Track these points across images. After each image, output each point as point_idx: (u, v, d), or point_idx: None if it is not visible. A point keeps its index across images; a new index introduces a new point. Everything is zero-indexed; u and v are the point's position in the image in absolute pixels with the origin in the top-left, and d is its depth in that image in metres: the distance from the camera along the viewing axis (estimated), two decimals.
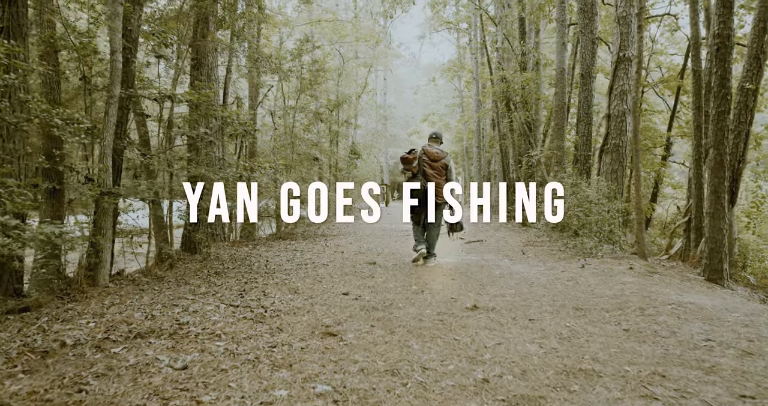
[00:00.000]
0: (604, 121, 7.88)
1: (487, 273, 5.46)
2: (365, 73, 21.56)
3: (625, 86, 7.70)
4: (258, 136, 12.65)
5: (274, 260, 6.41)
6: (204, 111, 6.18)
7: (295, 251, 7.29)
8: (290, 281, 4.87)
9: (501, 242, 8.23)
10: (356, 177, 20.67)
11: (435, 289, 4.58)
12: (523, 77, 9.52)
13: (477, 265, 6.04)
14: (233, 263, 6.18)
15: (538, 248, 7.27)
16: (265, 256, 6.88)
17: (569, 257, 6.26)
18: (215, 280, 4.97)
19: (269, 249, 7.65)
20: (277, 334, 3.01)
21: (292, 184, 8.97)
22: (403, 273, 5.43)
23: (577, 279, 4.99)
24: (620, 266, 5.64)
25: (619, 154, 7.69)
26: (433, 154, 6.01)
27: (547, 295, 4.30)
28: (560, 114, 9.87)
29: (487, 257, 6.65)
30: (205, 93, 5.44)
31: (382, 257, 6.70)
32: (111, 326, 3.07)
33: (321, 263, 6.14)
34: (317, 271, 5.52)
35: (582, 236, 6.46)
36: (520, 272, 5.48)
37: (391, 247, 7.92)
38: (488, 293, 4.40)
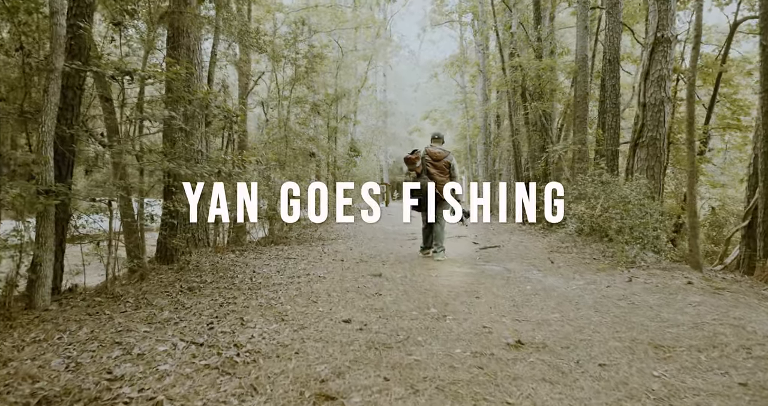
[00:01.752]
0: (639, 110, 6.94)
1: (517, 289, 4.52)
2: (365, 67, 20.61)
3: (664, 71, 6.77)
4: (251, 129, 11.71)
5: (261, 271, 5.46)
6: (176, 93, 5.22)
7: (288, 259, 6.34)
8: (277, 302, 3.92)
9: (520, 248, 7.29)
10: (356, 176, 19.72)
11: (459, 312, 3.64)
12: (541, 64, 8.58)
13: (502, 277, 5.10)
14: (213, 275, 5.24)
15: (567, 256, 6.33)
16: (252, 265, 5.93)
17: (608, 268, 5.32)
18: (185, 299, 4.02)
19: (258, 256, 6.70)
20: (248, 399, 2.07)
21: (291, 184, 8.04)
22: (415, 289, 4.49)
23: (630, 298, 4.05)
24: (675, 280, 4.70)
25: (656, 149, 6.75)
26: (436, 154, 6.24)
27: (604, 321, 3.37)
28: (582, 105, 8.93)
29: (511, 267, 5.71)
30: (174, 70, 4.49)
31: (388, 267, 5.76)
32: (7, 384, 2.12)
33: (317, 275, 5.19)
34: (312, 287, 4.57)
35: (621, 242, 5.52)
36: (557, 288, 4.54)
37: (396, 253, 6.98)
38: (528, 319, 3.46)
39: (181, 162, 4.66)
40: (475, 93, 23.81)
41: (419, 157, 6.28)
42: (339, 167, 16.36)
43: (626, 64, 10.99)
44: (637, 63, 11.16)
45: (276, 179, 7.51)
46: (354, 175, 19.36)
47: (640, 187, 5.86)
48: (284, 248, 7.66)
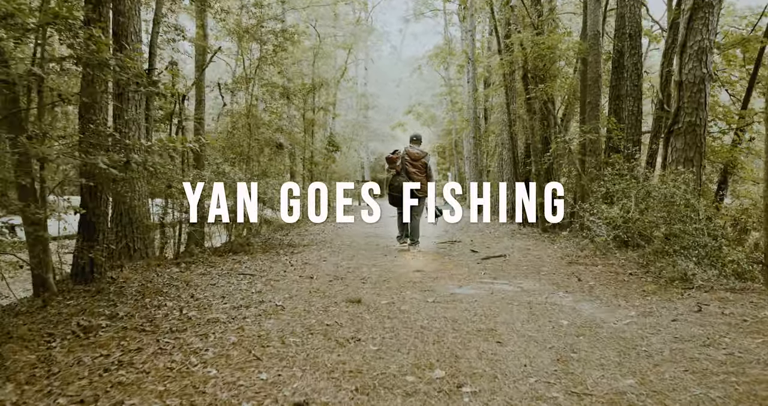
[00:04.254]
0: (674, 91, 5.75)
1: (549, 324, 3.26)
2: (345, 57, 19.19)
3: (704, 42, 5.57)
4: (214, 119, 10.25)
5: (201, 296, 4.09)
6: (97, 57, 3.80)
7: (242, 277, 4.97)
8: (200, 360, 2.57)
9: (530, 258, 6.04)
10: (335, 173, 18.32)
11: (479, 374, 2.36)
12: (549, 39, 7.33)
13: (521, 303, 3.83)
14: (135, 303, 3.86)
15: (593, 270, 5.09)
16: (193, 285, 4.55)
17: (658, 290, 4.09)
18: (61, 355, 2.65)
19: (207, 271, 5.32)
20: None
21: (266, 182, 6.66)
22: (408, 326, 3.19)
23: (720, 343, 2.81)
24: (765, 310, 3.48)
25: (695, 136, 5.56)
26: (414, 154, 6.80)
27: (716, 398, 2.11)
28: (595, 89, 7.73)
29: (528, 286, 4.45)
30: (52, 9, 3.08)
31: (370, 288, 4.44)
32: None
33: (274, 303, 3.84)
34: (262, 325, 3.22)
35: (670, 253, 4.30)
36: (603, 322, 3.28)
37: (380, 265, 5.67)
38: (590, 390, 2.19)
39: (66, 150, 3.25)
40: (461, 85, 22.63)
41: (399, 156, 6.87)
42: (316, 163, 14.96)
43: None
44: (656, 39, 10.00)
45: (232, 175, 6.12)
46: (333, 172, 17.97)
47: (687, 183, 4.65)
48: (244, 258, 6.28)
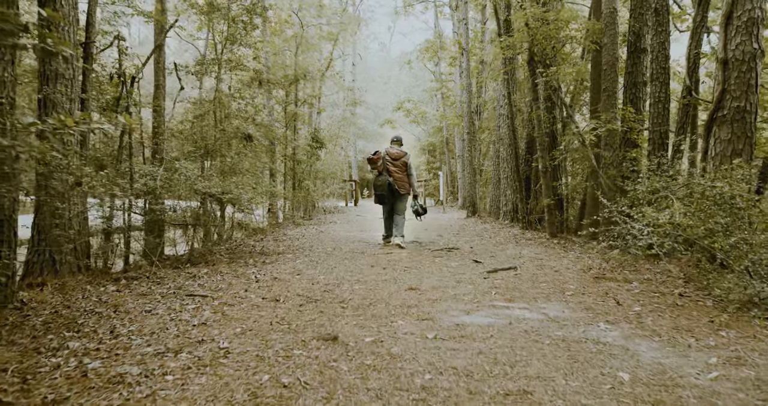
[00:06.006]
0: (718, 70, 4.81)
1: (604, 379, 2.27)
2: (330, 49, 18.09)
3: (756, 12, 4.64)
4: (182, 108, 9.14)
5: (125, 331, 3.04)
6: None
7: (190, 300, 3.92)
8: None
9: (546, 271, 5.05)
10: (320, 171, 17.23)
11: None
12: (562, 13, 6.35)
13: (553, 340, 2.84)
14: (31, 341, 2.83)
15: (630, 289, 4.11)
16: (124, 311, 3.50)
17: (733, 321, 3.11)
18: None
19: (150, 290, 4.26)
20: None
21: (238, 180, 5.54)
22: (402, 391, 2.19)
23: None
24: None
25: (744, 125, 4.61)
26: (394, 154, 7.14)
27: None
28: (611, 74, 6.80)
29: (555, 312, 3.46)
30: None
31: (351, 315, 3.43)
32: None
33: (217, 344, 2.80)
34: (187, 388, 2.18)
35: (739, 270, 3.33)
36: (679, 377, 2.31)
37: (365, 281, 4.66)
38: None
39: None
40: (453, 81, 21.72)
41: (381, 157, 7.17)
42: (299, 161, 13.87)
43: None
44: (680, 17, 9.08)
45: (185, 172, 5.06)
46: (318, 171, 16.88)
47: (749, 181, 3.70)
48: (202, 271, 5.22)
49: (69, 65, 4.75)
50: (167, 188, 5.18)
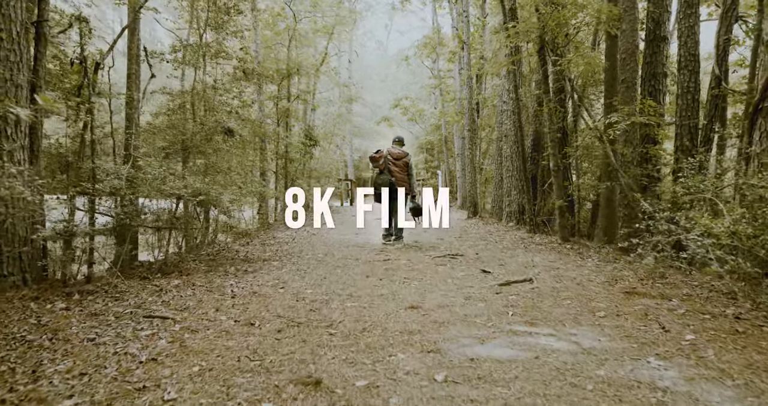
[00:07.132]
0: (764, 54, 4.19)
1: None
2: (325, 44, 17.41)
3: None
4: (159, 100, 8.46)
5: (50, 371, 2.40)
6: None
7: (147, 323, 3.27)
8: None
9: (567, 284, 4.42)
10: (314, 170, 16.57)
11: None
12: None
13: (596, 385, 2.22)
14: None
15: (671, 308, 3.49)
16: (62, 340, 2.86)
17: None
18: None
19: (104, 309, 3.61)
20: None
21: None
22: None
23: None
24: None
25: None
26: (396, 154, 7.28)
27: None
28: (631, 64, 6.19)
29: (589, 342, 2.83)
30: None
31: (339, 345, 2.79)
32: None
33: (161, 395, 2.16)
34: None
35: None
36: None
37: (359, 297, 4.02)
38: None
39: None
40: (452, 77, 21.08)
41: (383, 156, 7.16)
42: (292, 160, 13.21)
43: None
44: (705, 2, 8.45)
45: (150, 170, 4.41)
46: (312, 170, 16.22)
47: None
48: (173, 282, 4.56)
49: (15, 46, 4.10)
50: (133, 188, 4.52)
